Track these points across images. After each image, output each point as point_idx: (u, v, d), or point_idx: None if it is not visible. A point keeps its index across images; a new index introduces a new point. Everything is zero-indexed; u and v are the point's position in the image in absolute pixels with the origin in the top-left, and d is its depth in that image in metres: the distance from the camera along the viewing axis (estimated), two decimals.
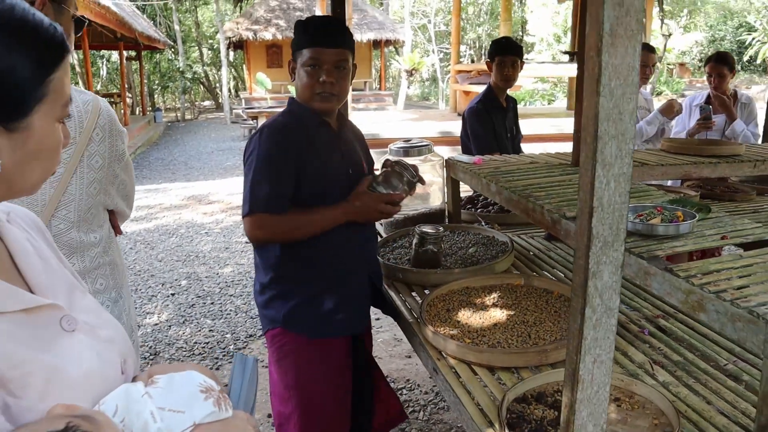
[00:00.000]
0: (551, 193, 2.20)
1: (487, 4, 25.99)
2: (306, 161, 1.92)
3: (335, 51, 1.89)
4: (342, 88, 1.94)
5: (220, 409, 0.84)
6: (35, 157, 0.80)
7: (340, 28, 1.96)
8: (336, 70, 1.90)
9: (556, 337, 1.86)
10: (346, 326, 2.07)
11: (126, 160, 1.68)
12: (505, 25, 9.55)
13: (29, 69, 0.75)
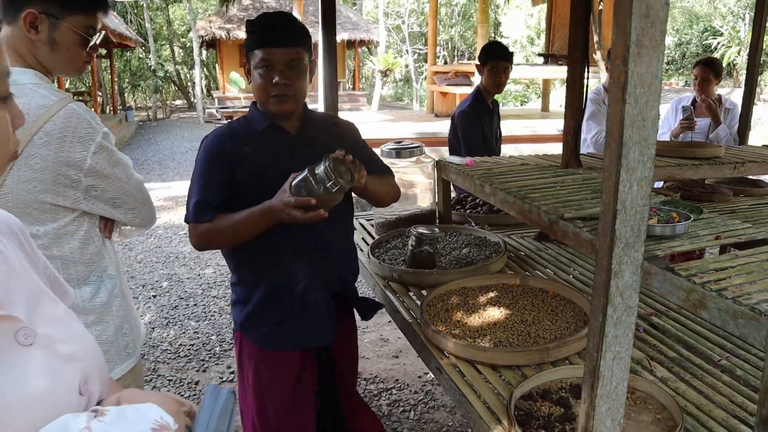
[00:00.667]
0: (545, 195, 2.25)
1: (461, 6, 26.15)
2: (241, 168, 1.86)
3: (286, 50, 1.80)
4: (298, 88, 1.84)
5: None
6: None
7: (290, 25, 1.84)
8: (289, 70, 1.81)
9: (555, 336, 1.90)
10: (296, 340, 1.98)
11: (97, 170, 1.63)
12: (482, 27, 9.64)
13: None
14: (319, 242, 1.94)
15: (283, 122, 1.92)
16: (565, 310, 2.08)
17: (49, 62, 1.64)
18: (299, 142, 1.93)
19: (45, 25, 1.58)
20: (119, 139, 15.15)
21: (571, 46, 2.64)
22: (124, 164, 1.73)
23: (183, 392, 3.45)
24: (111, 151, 1.67)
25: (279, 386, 2.02)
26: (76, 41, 1.63)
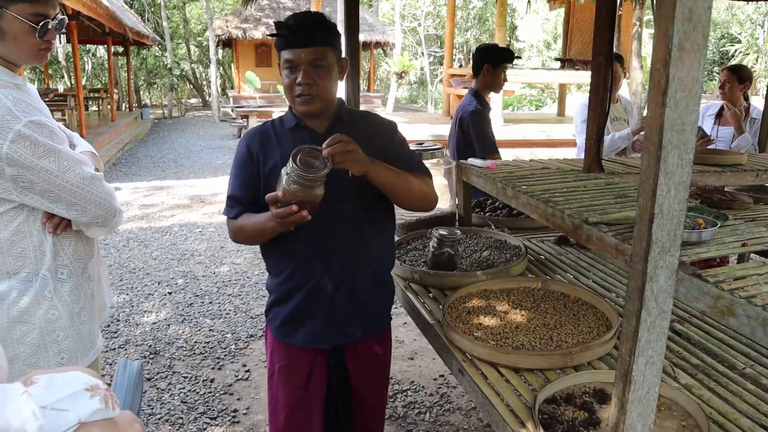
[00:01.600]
0: (569, 199, 2.24)
1: (477, 10, 26.13)
2: (265, 167, 1.89)
3: (310, 50, 1.79)
4: (322, 87, 1.83)
5: (107, 406, 0.80)
6: None
7: (314, 25, 1.83)
8: (314, 70, 1.80)
9: (578, 340, 1.90)
10: (305, 339, 1.99)
11: (17, 160, 1.56)
12: (500, 31, 9.63)
13: None
14: (328, 241, 1.90)
15: (312, 122, 1.92)
16: (587, 315, 2.08)
17: (3, 52, 1.61)
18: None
19: None
20: (135, 136, 15.26)
21: (595, 51, 2.63)
22: (61, 156, 1.61)
23: (198, 389, 3.46)
24: (36, 141, 1.56)
25: (287, 380, 2.03)
26: (24, 29, 1.59)
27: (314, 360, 2.01)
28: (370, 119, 2.05)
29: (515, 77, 10.69)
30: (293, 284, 1.95)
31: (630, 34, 8.56)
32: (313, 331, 1.97)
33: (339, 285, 1.94)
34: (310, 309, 1.96)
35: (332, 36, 1.86)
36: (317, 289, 1.93)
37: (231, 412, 3.23)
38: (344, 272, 1.94)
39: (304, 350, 2.00)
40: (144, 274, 5.45)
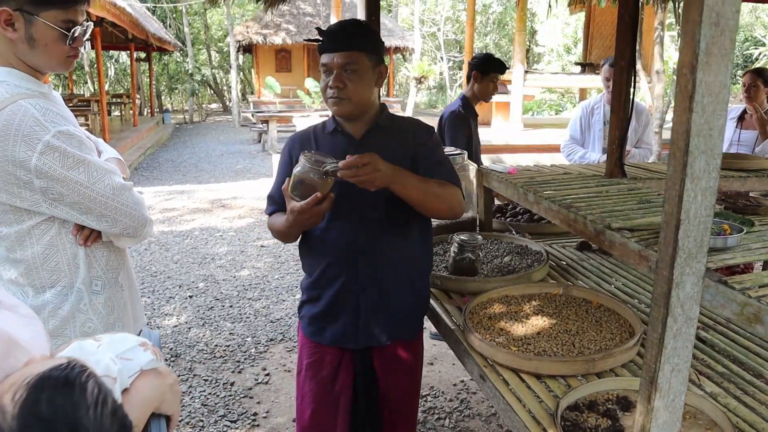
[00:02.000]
0: (591, 204, 2.23)
1: (496, 14, 26.08)
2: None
3: (342, 54, 1.86)
4: (354, 91, 1.87)
5: (157, 357, 0.96)
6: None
7: (348, 30, 1.89)
8: (345, 74, 1.86)
9: (600, 347, 1.88)
10: (332, 337, 2.04)
11: (46, 172, 1.53)
12: (520, 35, 9.60)
13: None
14: (356, 243, 1.95)
15: (349, 126, 1.99)
16: (609, 321, 2.06)
17: (31, 59, 1.59)
18: (361, 147, 1.92)
19: (21, 23, 1.53)
20: (157, 141, 15.42)
21: (618, 55, 2.62)
22: (91, 167, 1.59)
23: (218, 392, 3.48)
24: (66, 152, 1.54)
25: (314, 377, 2.09)
26: (54, 37, 1.57)
27: (341, 359, 2.07)
28: (407, 124, 2.07)
29: (535, 82, 10.65)
30: (323, 284, 2.02)
31: (651, 37, 8.49)
32: (340, 330, 2.02)
33: (365, 287, 1.98)
34: (337, 308, 2.01)
35: (367, 42, 1.91)
36: (344, 289, 1.99)
37: (251, 416, 3.25)
38: (371, 274, 1.98)
39: (332, 348, 2.06)
40: (165, 278, 5.50)
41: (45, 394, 0.72)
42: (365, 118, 1.98)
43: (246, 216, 7.85)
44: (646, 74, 8.39)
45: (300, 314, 2.14)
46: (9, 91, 1.52)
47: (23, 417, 0.70)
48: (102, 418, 0.74)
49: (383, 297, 2.01)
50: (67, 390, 0.73)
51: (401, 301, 2.05)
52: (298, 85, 18.70)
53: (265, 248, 6.42)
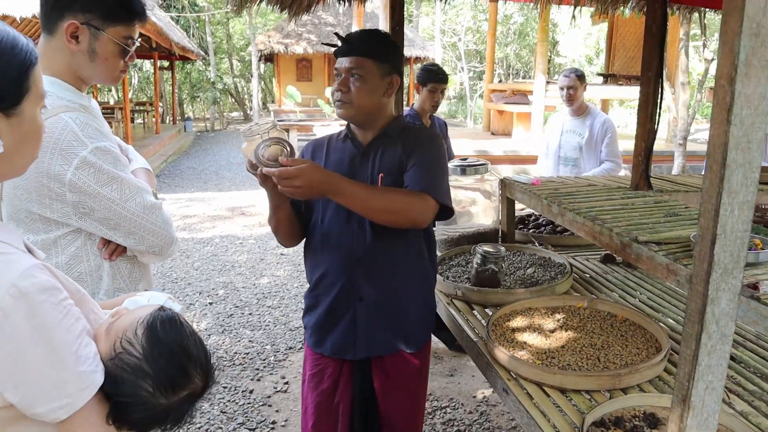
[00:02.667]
0: (617, 216, 2.20)
1: (517, 25, 26.04)
2: None
3: (348, 59, 1.88)
4: (356, 96, 1.87)
5: (184, 307, 1.23)
6: (27, 139, 1.02)
7: (359, 37, 1.92)
8: (351, 78, 1.88)
9: (626, 362, 1.85)
10: (332, 348, 2.01)
11: (80, 186, 1.55)
12: (542, 46, 9.57)
13: (16, 68, 0.97)
14: (353, 252, 1.92)
15: (359, 133, 1.99)
16: (635, 336, 2.03)
17: (87, 72, 1.63)
18: (365, 154, 1.96)
19: (86, 36, 1.58)
20: (178, 148, 15.56)
21: (644, 66, 2.59)
22: (124, 185, 1.61)
23: (237, 400, 3.48)
24: (101, 168, 1.55)
25: (316, 388, 2.07)
26: (115, 51, 1.63)
27: (341, 370, 2.04)
28: (414, 134, 2.00)
29: (557, 93, 10.59)
30: (319, 293, 2.02)
31: (676, 48, 8.41)
32: (338, 340, 1.99)
33: (362, 295, 1.94)
34: (334, 317, 1.99)
35: (377, 49, 1.90)
36: (340, 298, 1.97)
37: (270, 424, 3.24)
38: (368, 283, 1.93)
39: (333, 360, 2.03)
40: (186, 284, 5.52)
41: (159, 328, 1.07)
42: (375, 127, 1.96)
43: (265, 224, 7.85)
44: (669, 85, 8.31)
45: (304, 324, 2.13)
46: (51, 102, 1.54)
47: (150, 343, 1.05)
48: (197, 342, 1.11)
49: (382, 306, 1.96)
50: (173, 324, 1.09)
51: (403, 311, 1.99)
52: (319, 94, 18.80)
53: (284, 256, 6.43)
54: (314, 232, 2.00)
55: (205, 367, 1.12)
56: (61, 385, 0.97)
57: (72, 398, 0.99)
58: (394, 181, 1.90)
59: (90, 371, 1.01)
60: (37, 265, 0.98)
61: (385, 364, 2.01)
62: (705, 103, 22.49)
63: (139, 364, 1.04)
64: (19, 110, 0.99)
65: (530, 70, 27.58)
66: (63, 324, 0.98)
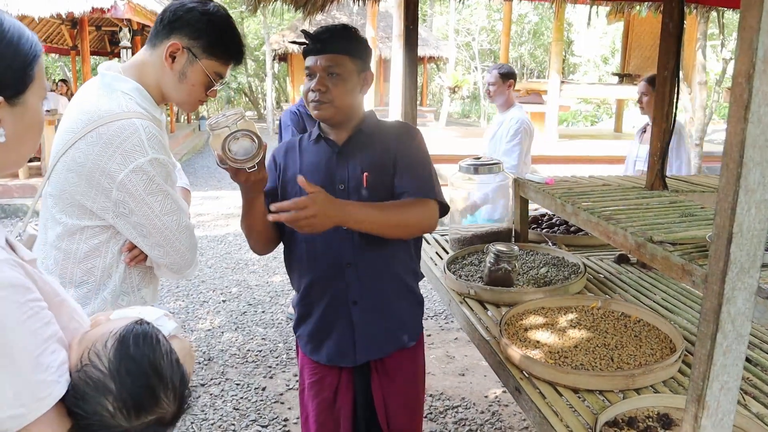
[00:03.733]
0: (631, 216, 2.19)
1: (532, 24, 25.94)
2: (285, 176, 1.93)
3: (325, 57, 1.80)
4: (336, 95, 1.80)
5: (178, 326, 1.14)
6: (28, 130, 1.02)
7: (332, 33, 1.83)
8: (328, 77, 1.80)
9: (640, 362, 1.84)
10: (330, 355, 1.95)
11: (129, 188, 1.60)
12: (557, 45, 9.53)
13: (22, 59, 0.98)
14: (344, 254, 1.87)
15: (332, 133, 1.92)
16: (649, 336, 2.01)
17: (171, 91, 1.71)
18: (342, 153, 1.89)
19: (182, 59, 1.67)
20: (193, 147, 15.64)
21: (661, 65, 2.57)
22: (168, 199, 1.65)
23: (250, 396, 3.50)
24: (152, 178, 1.60)
25: (316, 397, 2.01)
26: (202, 81, 1.70)
27: (340, 376, 1.98)
28: (392, 128, 2.00)
29: (572, 92, 10.55)
30: (312, 299, 1.94)
31: (693, 47, 8.34)
32: (336, 347, 1.93)
33: (357, 299, 1.89)
34: (330, 324, 1.93)
35: (352, 46, 1.84)
36: (334, 303, 1.91)
37: (282, 421, 3.25)
38: (362, 285, 1.89)
39: (330, 368, 1.97)
40: (199, 282, 5.56)
41: (131, 342, 0.97)
42: (349, 125, 1.91)
43: None
44: (686, 85, 8.24)
45: (296, 333, 2.06)
46: (129, 107, 1.63)
47: (117, 358, 0.95)
48: (172, 362, 1.01)
49: (377, 307, 1.92)
50: (147, 340, 0.99)
51: (396, 309, 1.97)
52: None
53: None
54: (297, 239, 1.90)
55: (178, 391, 1.00)
56: (14, 393, 0.88)
57: (25, 408, 0.90)
58: (379, 179, 1.86)
59: (50, 381, 0.92)
60: (8, 260, 0.92)
61: (386, 364, 1.98)
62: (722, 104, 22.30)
63: (103, 380, 0.94)
64: (23, 100, 0.99)
65: (544, 70, 27.47)
66: (26, 325, 0.90)
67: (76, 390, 0.94)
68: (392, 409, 2.01)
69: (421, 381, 2.12)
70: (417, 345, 2.05)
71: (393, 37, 10.36)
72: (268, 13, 21.94)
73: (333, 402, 1.99)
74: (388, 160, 1.88)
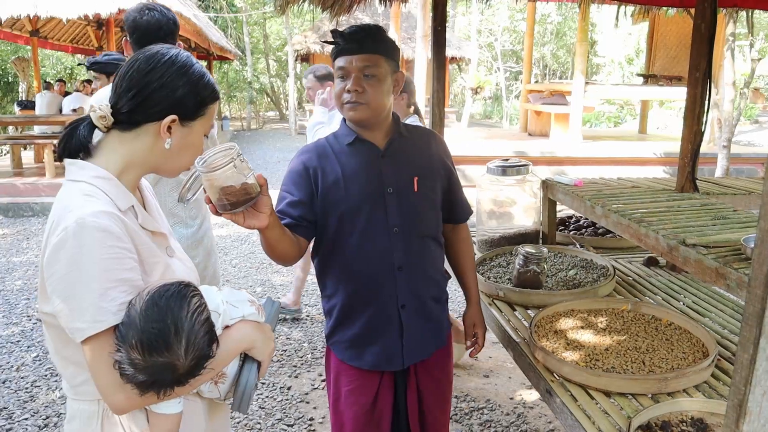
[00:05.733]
0: (663, 219, 2.18)
1: (554, 25, 25.77)
2: (327, 182, 1.82)
3: (361, 57, 1.74)
4: (372, 96, 1.75)
5: (259, 314, 1.33)
6: (188, 148, 1.31)
7: (367, 33, 1.78)
8: (364, 78, 1.75)
9: (672, 366, 1.83)
10: (375, 360, 1.89)
11: None
12: (581, 46, 9.45)
13: (202, 95, 1.30)
14: (392, 259, 1.83)
15: (369, 136, 1.85)
16: (681, 340, 2.00)
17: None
18: (387, 157, 1.85)
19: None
20: None
21: (692, 66, 2.55)
22: None
23: (276, 396, 3.53)
24: None
25: (354, 404, 1.94)
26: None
27: (380, 381, 1.94)
28: (423, 136, 1.98)
29: (596, 93, 10.46)
30: (356, 304, 1.88)
31: (721, 48, 8.24)
32: (383, 351, 1.89)
33: (404, 303, 1.87)
34: (376, 329, 1.88)
35: (386, 46, 1.81)
36: (382, 307, 1.86)
37: (307, 420, 3.27)
38: (409, 289, 1.87)
39: (371, 372, 1.92)
40: (224, 281, 5.59)
41: (164, 295, 1.16)
42: (383, 128, 1.86)
43: None
44: (713, 85, 8.14)
45: (331, 340, 1.97)
46: None
47: (148, 303, 1.14)
48: (195, 323, 1.17)
49: (420, 309, 1.90)
50: (177, 296, 1.17)
51: (434, 309, 1.96)
52: None
53: None
54: (343, 245, 1.84)
55: (194, 347, 1.15)
56: (81, 310, 1.13)
57: (86, 325, 1.13)
58: (430, 184, 1.88)
59: (108, 310, 1.13)
60: (111, 213, 1.17)
61: (427, 364, 1.97)
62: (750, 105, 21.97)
63: (134, 317, 1.13)
64: (191, 125, 1.29)
65: (567, 71, 27.27)
66: (104, 263, 1.13)
67: (122, 321, 1.15)
68: (428, 408, 2.01)
69: (452, 379, 2.13)
70: (449, 343, 2.06)
71: (417, 38, 10.35)
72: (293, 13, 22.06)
73: (372, 408, 1.94)
74: (439, 167, 1.91)
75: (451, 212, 2.00)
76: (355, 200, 1.80)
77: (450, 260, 2.09)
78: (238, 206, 1.41)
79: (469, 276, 2.10)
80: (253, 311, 1.30)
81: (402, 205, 1.81)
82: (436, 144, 1.97)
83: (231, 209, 1.41)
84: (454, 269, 2.12)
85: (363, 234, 1.81)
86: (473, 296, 2.09)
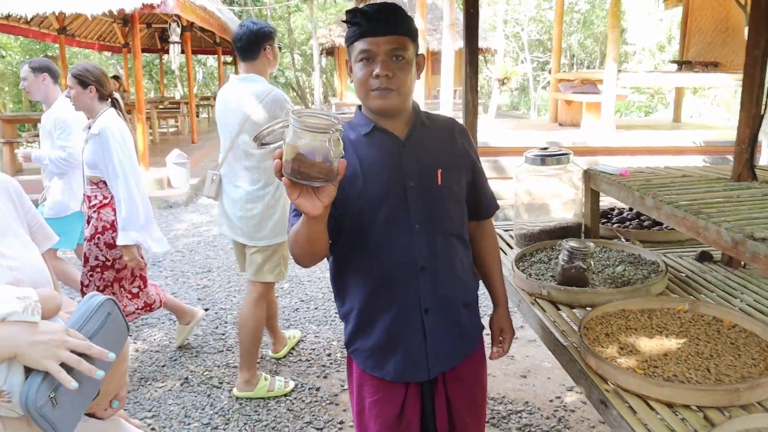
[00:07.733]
0: (723, 210, 2.00)
1: (582, 13, 25.28)
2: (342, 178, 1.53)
3: (389, 39, 1.58)
4: (401, 81, 1.61)
5: (25, 312, 1.07)
6: None
7: (394, 12, 1.61)
8: (393, 61, 1.59)
9: (742, 375, 1.64)
10: (398, 370, 1.74)
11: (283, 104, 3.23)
12: (613, 33, 9.14)
13: None
14: (415, 259, 1.68)
15: (389, 125, 1.70)
16: (747, 344, 1.81)
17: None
18: (408, 147, 1.70)
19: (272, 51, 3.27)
20: None
21: (750, 45, 2.35)
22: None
23: (304, 397, 3.40)
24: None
25: (379, 416, 1.80)
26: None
27: (406, 392, 1.79)
28: (446, 125, 1.83)
29: (629, 80, 10.15)
30: (375, 309, 1.73)
31: None
32: (407, 360, 1.73)
33: (428, 307, 1.71)
34: (397, 336, 1.73)
35: (412, 27, 1.66)
36: (404, 312, 1.71)
37: (337, 423, 3.14)
38: (434, 292, 1.71)
39: (396, 383, 1.77)
40: (221, 282, 5.49)
41: None
42: (404, 116, 1.71)
43: None
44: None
45: (351, 348, 1.82)
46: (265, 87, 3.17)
47: None
48: None
49: (446, 314, 1.75)
50: None
51: (466, 315, 1.81)
52: None
53: None
54: (363, 243, 1.69)
55: None
56: None
57: None
58: (455, 177, 1.74)
59: None
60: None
61: (459, 372, 1.82)
62: None
63: None
64: None
65: (594, 60, 26.75)
66: None
67: None
68: (459, 417, 1.85)
69: (486, 384, 1.98)
70: (480, 346, 1.90)
71: (443, 28, 10.14)
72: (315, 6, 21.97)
73: (399, 420, 1.79)
74: (463, 158, 1.77)
75: (476, 207, 1.85)
76: (374, 195, 1.65)
77: (474, 259, 1.91)
78: (306, 179, 1.22)
79: (495, 275, 1.96)
80: (16, 310, 1.05)
81: (424, 199, 1.66)
82: (459, 133, 1.82)
83: (298, 178, 1.21)
84: (478, 269, 1.95)
85: (382, 232, 1.67)
86: (500, 298, 1.96)
